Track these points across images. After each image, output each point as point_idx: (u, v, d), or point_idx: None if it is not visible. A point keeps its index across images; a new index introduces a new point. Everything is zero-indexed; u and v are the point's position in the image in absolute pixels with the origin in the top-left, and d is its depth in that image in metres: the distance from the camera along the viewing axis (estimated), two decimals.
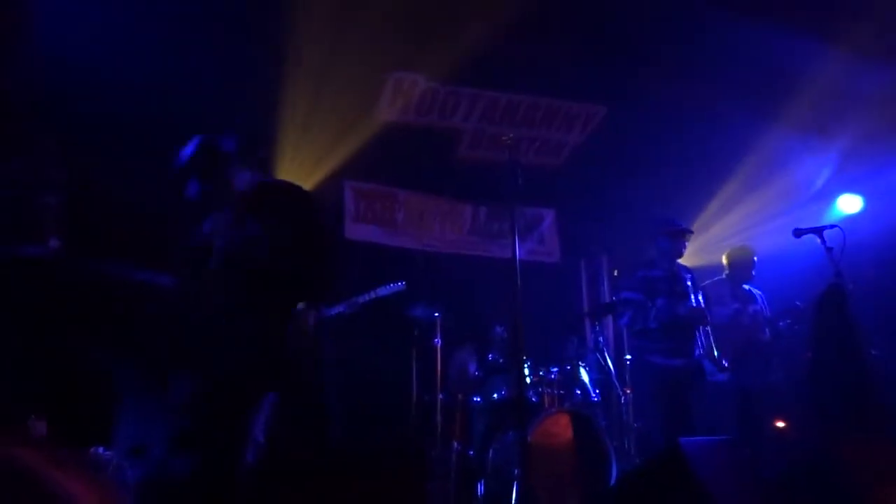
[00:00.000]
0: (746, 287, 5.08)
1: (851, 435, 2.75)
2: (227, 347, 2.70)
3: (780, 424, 5.03)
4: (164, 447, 3.44)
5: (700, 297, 4.41)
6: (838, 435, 2.61)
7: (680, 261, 4.53)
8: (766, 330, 4.94)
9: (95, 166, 4.50)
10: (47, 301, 3.51)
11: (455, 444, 4.84)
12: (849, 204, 6.20)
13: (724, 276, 5.14)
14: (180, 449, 2.44)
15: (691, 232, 4.52)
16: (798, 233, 4.00)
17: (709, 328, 4.29)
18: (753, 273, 5.05)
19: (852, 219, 5.99)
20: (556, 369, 4.81)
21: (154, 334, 4.13)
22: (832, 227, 3.87)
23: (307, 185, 5.63)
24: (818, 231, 3.87)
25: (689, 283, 4.38)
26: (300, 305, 2.75)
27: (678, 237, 4.42)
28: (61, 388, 3.35)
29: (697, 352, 4.35)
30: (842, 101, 5.43)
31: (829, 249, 3.74)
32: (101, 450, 3.19)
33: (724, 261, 5.19)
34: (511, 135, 2.78)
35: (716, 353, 4.25)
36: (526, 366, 4.37)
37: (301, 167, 5.55)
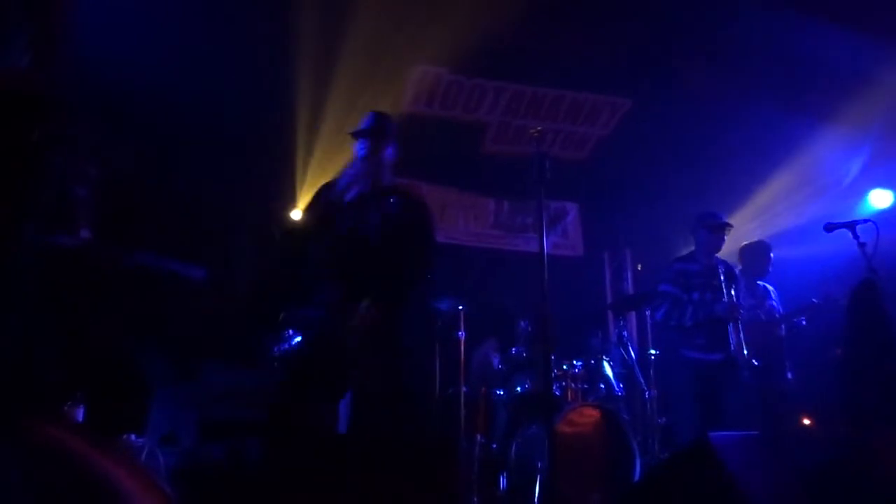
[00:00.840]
0: (761, 283, 4.99)
1: (884, 431, 2.72)
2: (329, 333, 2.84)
3: (807, 421, 4.97)
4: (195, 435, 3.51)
5: (733, 292, 4.35)
6: (871, 431, 2.57)
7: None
8: (782, 326, 4.86)
9: (127, 160, 4.58)
10: (79, 290, 3.57)
11: (478, 436, 4.86)
12: (880, 199, 6.08)
13: (738, 271, 5.04)
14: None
15: (731, 226, 4.46)
16: (830, 227, 3.89)
17: (740, 324, 4.22)
18: (770, 269, 4.95)
19: (883, 214, 5.87)
20: (579, 363, 4.80)
21: (184, 323, 4.20)
22: (865, 221, 3.76)
23: (328, 176, 5.67)
24: (851, 225, 3.76)
25: (723, 278, 4.32)
26: (364, 303, 2.93)
27: (718, 231, 4.37)
28: (94, 375, 3.42)
29: (732, 346, 4.31)
30: (874, 94, 5.32)
31: (862, 245, 3.65)
32: (133, 437, 3.25)
33: (740, 256, 5.09)
34: (539, 127, 2.77)
35: (745, 351, 4.19)
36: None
37: (324, 159, 5.57)
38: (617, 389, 4.77)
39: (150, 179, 4.96)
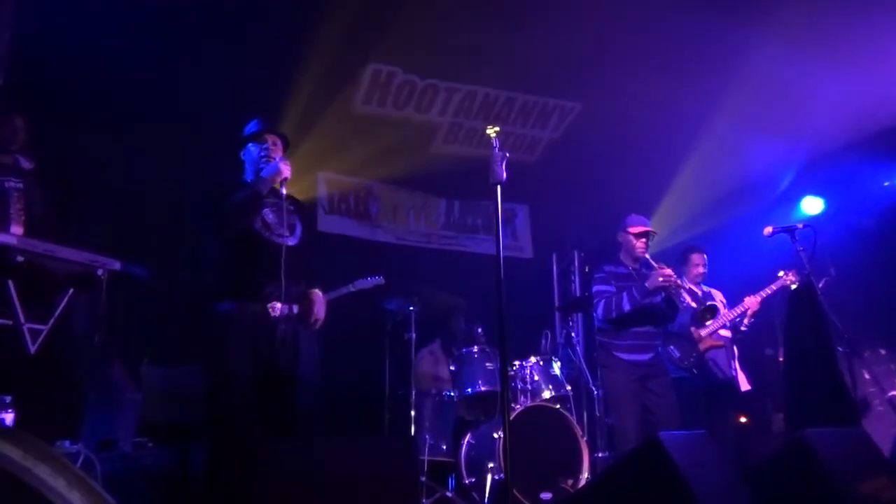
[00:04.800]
0: (705, 287, 5.11)
1: (825, 427, 2.82)
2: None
3: (743, 420, 5.13)
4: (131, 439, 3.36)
5: (663, 295, 4.43)
6: (812, 427, 2.67)
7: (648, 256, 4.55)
8: (727, 328, 4.99)
9: (66, 152, 4.36)
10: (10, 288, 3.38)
11: (427, 437, 4.84)
12: (811, 205, 6.35)
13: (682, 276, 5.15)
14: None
15: (654, 233, 4.50)
16: (769, 231, 4.03)
17: (660, 328, 4.34)
18: (704, 271, 5.06)
19: (814, 220, 6.12)
20: (528, 364, 4.84)
21: (124, 323, 4.02)
22: (805, 226, 3.91)
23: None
24: (790, 230, 3.90)
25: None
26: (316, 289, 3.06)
27: (640, 238, 4.43)
28: (28, 378, 3.24)
29: (660, 347, 4.41)
30: (808, 104, 5.55)
31: (801, 249, 3.79)
32: (67, 443, 3.08)
33: (681, 259, 5.19)
34: (497, 127, 2.76)
35: (674, 352, 4.30)
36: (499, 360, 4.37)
37: None
38: (565, 390, 4.83)
39: (91, 172, 4.73)
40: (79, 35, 4.18)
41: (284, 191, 3.07)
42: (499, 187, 2.67)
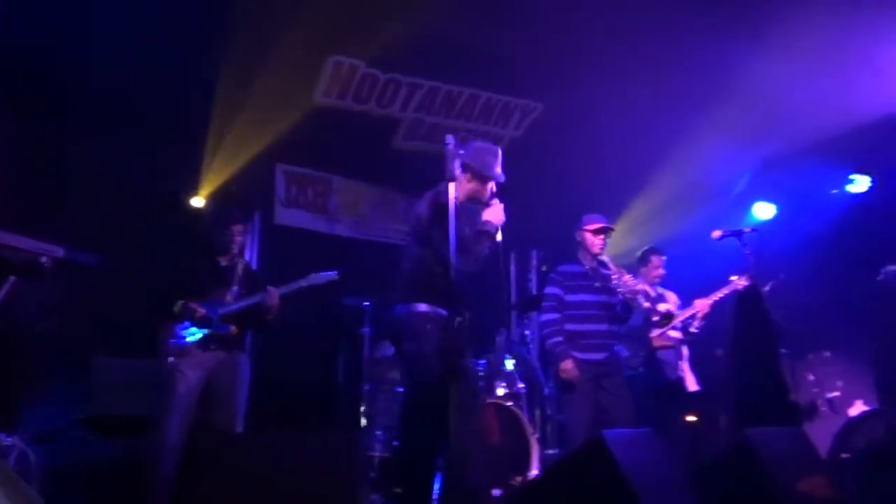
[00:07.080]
0: (659, 289, 5.17)
1: (766, 427, 2.90)
2: None
3: (691, 419, 5.21)
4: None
5: (619, 294, 4.47)
6: (753, 427, 2.74)
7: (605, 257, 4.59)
8: (678, 329, 5.06)
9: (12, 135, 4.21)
10: None
11: (378, 433, 4.82)
12: (763, 211, 6.48)
13: (639, 276, 5.19)
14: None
15: (611, 229, 4.55)
16: (718, 235, 4.11)
17: (614, 327, 4.41)
18: (663, 272, 5.13)
19: (766, 225, 6.26)
20: (482, 361, 4.86)
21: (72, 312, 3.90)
22: (753, 230, 3.99)
23: (235, 165, 5.46)
24: (738, 234, 3.99)
25: (607, 280, 4.44)
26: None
27: (598, 234, 4.47)
28: None
29: (615, 346, 4.46)
30: (767, 108, 5.65)
31: (748, 253, 3.88)
32: (2, 436, 2.98)
33: (638, 260, 5.25)
34: (463, 133, 2.80)
35: (626, 352, 4.35)
36: None
37: (231, 146, 5.35)
38: (517, 387, 4.87)
39: (38, 156, 4.58)
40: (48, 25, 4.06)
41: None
42: (452, 185, 2.68)
